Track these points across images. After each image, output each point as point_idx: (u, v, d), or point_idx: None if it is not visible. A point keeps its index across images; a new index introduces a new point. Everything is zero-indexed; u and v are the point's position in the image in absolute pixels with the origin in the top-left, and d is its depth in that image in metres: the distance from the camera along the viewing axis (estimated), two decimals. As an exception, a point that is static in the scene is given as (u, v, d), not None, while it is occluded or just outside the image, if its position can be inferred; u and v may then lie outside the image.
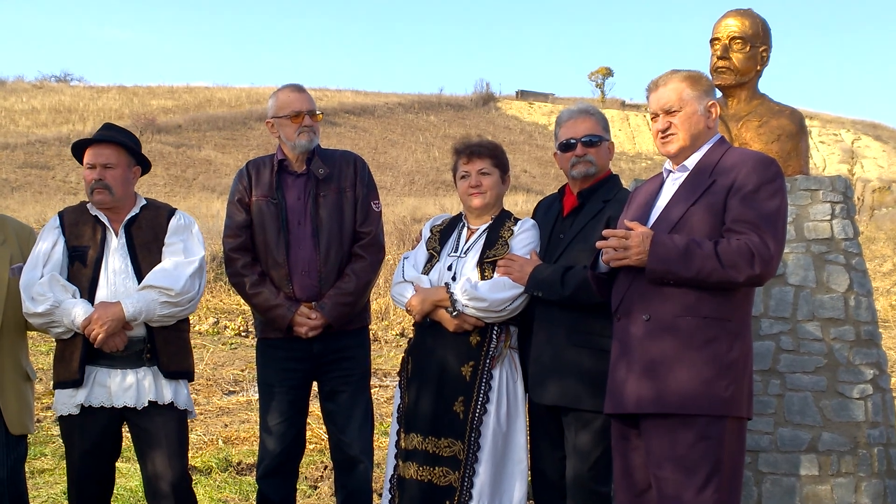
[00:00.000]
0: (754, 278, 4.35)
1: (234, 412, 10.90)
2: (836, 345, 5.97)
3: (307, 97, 5.97)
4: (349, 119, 75.43)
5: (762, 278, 4.39)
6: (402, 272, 5.70)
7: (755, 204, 4.37)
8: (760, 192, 4.39)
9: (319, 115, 5.95)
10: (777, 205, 4.43)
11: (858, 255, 6.14)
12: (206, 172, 54.88)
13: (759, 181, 4.41)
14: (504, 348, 5.41)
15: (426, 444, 5.41)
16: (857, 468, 5.91)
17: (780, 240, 4.42)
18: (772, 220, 4.39)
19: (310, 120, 5.87)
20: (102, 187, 5.48)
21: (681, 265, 4.32)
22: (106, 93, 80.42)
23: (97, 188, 5.48)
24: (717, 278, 4.31)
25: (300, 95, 5.94)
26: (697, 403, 4.37)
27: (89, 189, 5.50)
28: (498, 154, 5.62)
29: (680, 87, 4.64)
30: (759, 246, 4.30)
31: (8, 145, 54.61)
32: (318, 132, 5.95)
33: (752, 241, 4.30)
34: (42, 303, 5.27)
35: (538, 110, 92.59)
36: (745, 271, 4.29)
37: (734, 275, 4.30)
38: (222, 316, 17.90)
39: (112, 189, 5.50)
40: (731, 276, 4.30)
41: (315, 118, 5.90)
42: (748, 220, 4.35)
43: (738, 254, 4.29)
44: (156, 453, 5.43)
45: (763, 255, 4.30)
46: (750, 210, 4.36)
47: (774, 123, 6.21)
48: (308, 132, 5.86)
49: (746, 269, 4.29)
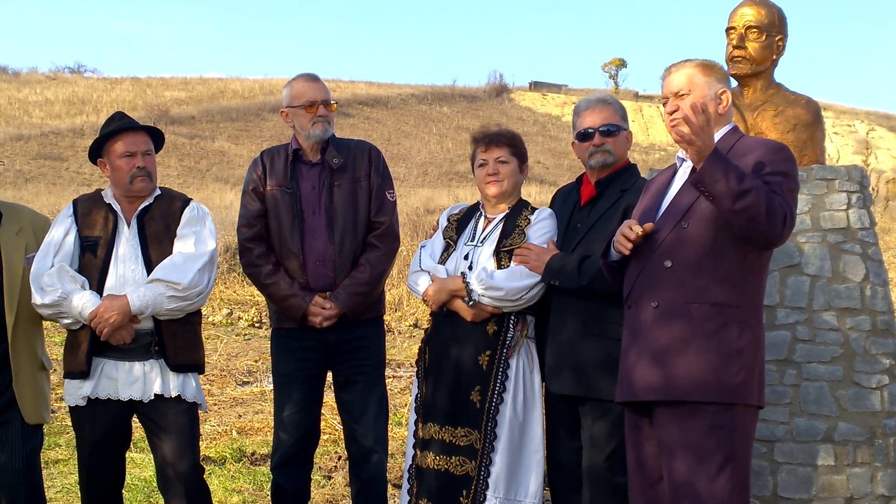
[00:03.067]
0: (775, 239, 4.32)
1: (247, 403, 10.92)
2: (853, 334, 5.94)
3: (322, 87, 5.95)
4: (363, 110, 75.54)
5: (780, 240, 4.37)
6: (419, 261, 5.70)
7: (773, 177, 4.35)
8: (777, 174, 4.38)
9: (334, 105, 5.94)
10: (792, 185, 4.44)
11: (875, 245, 6.11)
12: (220, 163, 55.01)
13: (774, 164, 4.40)
14: (521, 338, 5.40)
15: (443, 433, 5.41)
16: (874, 458, 5.89)
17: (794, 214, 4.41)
18: (790, 195, 4.39)
19: (324, 110, 5.85)
20: (145, 174, 5.47)
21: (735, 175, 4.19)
22: (119, 84, 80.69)
23: (140, 175, 5.45)
24: (756, 212, 4.18)
25: (315, 85, 5.93)
26: (706, 391, 4.37)
27: (129, 177, 5.45)
28: (516, 143, 5.62)
29: (691, 72, 4.64)
30: (789, 210, 4.28)
31: (22, 136, 54.83)
32: (332, 122, 5.93)
33: (786, 204, 4.27)
34: (50, 294, 5.27)
35: (551, 101, 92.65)
36: (777, 224, 4.23)
37: (767, 223, 4.21)
38: (236, 307, 17.91)
39: (152, 176, 5.52)
40: (765, 220, 4.20)
41: (329, 108, 5.88)
42: (775, 182, 4.32)
43: (780, 208, 4.23)
44: (165, 445, 5.44)
45: (790, 222, 4.30)
46: (773, 180, 4.33)
47: (790, 113, 6.18)
48: (322, 122, 5.84)
49: (779, 224, 4.24)
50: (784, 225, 4.26)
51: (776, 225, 4.24)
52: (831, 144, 62.55)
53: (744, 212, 4.19)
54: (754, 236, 4.33)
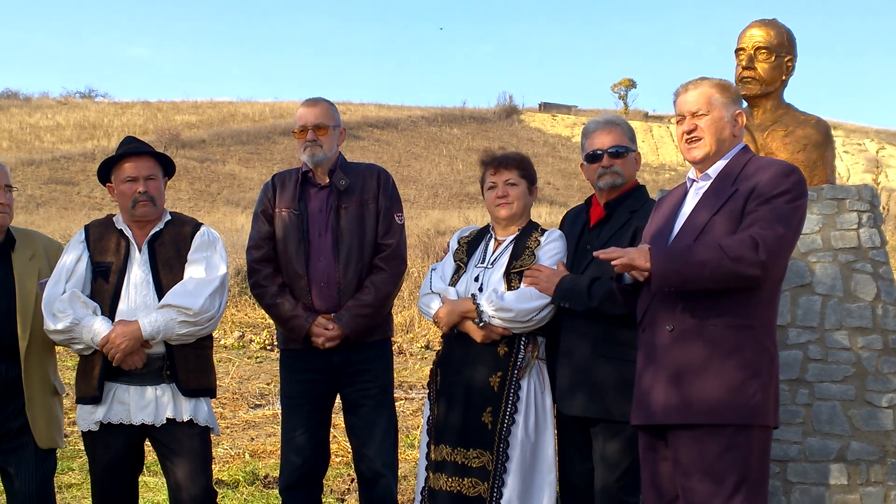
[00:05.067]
0: (761, 265, 4.27)
1: (260, 426, 10.92)
2: (864, 353, 5.93)
3: (318, 111, 5.92)
4: (373, 133, 75.61)
5: (768, 266, 4.31)
6: (430, 284, 5.71)
7: (770, 206, 4.35)
8: (779, 198, 4.38)
9: (325, 130, 5.87)
10: (793, 208, 4.41)
11: (886, 264, 6.10)
12: (231, 187, 55.06)
13: (778, 187, 4.39)
14: (532, 359, 5.41)
15: (455, 455, 5.41)
16: (887, 477, 5.87)
17: (791, 232, 4.39)
18: (785, 217, 4.36)
19: (312, 135, 5.83)
20: (147, 199, 5.48)
21: (684, 263, 4.30)
22: (130, 108, 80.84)
23: (142, 200, 5.47)
24: (726, 271, 4.25)
25: (309, 110, 5.91)
26: (725, 412, 4.36)
27: (132, 202, 5.46)
28: (525, 165, 5.63)
29: (709, 91, 4.63)
30: (764, 235, 4.26)
31: (33, 161, 54.92)
32: (327, 145, 5.87)
33: (756, 232, 4.28)
34: (62, 320, 5.28)
35: (561, 122, 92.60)
36: (749, 258, 4.24)
37: (741, 267, 4.24)
38: (248, 329, 17.92)
39: (156, 200, 5.52)
40: (738, 268, 4.24)
41: (320, 132, 5.85)
42: (760, 218, 4.33)
43: (741, 244, 4.25)
44: (178, 469, 5.44)
45: (768, 242, 4.26)
46: (764, 210, 4.34)
47: (800, 133, 6.20)
48: (311, 147, 5.84)
49: (751, 255, 4.24)
50: (757, 252, 4.26)
51: (747, 259, 4.26)
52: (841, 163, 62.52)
53: (714, 273, 4.28)
54: (743, 283, 4.36)
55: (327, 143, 5.88)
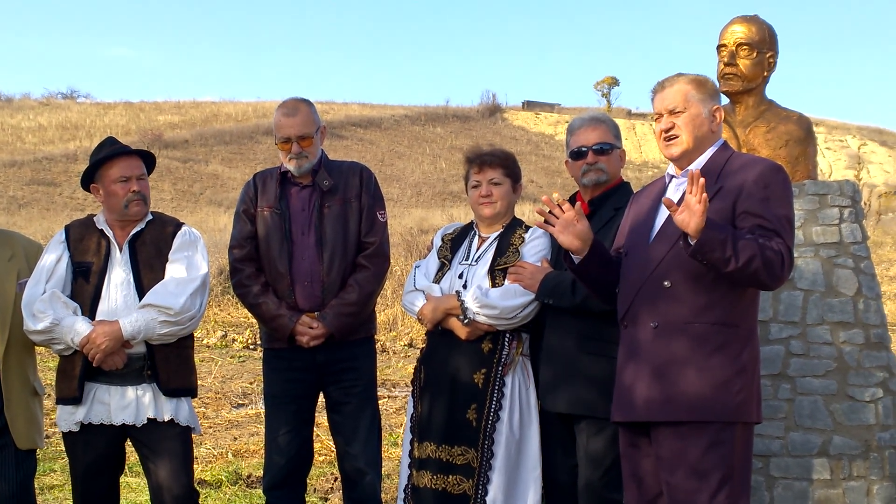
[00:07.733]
0: (777, 284, 4.37)
1: (243, 425, 10.89)
2: (846, 348, 5.94)
3: (299, 120, 5.85)
4: (356, 132, 75.61)
5: (781, 283, 4.40)
6: (414, 281, 5.71)
7: (770, 210, 4.35)
8: (774, 200, 4.38)
9: (309, 141, 5.84)
10: (789, 212, 4.44)
11: (867, 259, 6.12)
12: (213, 187, 55.03)
13: (771, 187, 4.39)
14: (516, 355, 5.41)
15: (440, 452, 5.41)
16: (869, 471, 5.88)
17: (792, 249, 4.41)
18: (788, 228, 4.38)
19: (298, 147, 5.81)
20: (140, 199, 5.49)
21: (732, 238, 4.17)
22: (112, 109, 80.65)
23: (135, 200, 5.47)
24: (754, 270, 4.19)
25: (290, 120, 5.84)
26: (709, 410, 4.36)
27: (125, 202, 5.45)
28: (509, 164, 5.62)
29: (685, 88, 4.62)
30: (786, 251, 4.28)
31: (15, 162, 54.80)
32: (312, 153, 5.86)
33: (783, 244, 4.28)
34: (42, 320, 5.26)
35: (544, 120, 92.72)
36: (777, 274, 4.26)
37: (765, 275, 4.23)
38: (230, 329, 17.87)
39: (147, 199, 5.54)
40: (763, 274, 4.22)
41: (304, 143, 5.82)
42: (770, 228, 4.31)
43: (776, 255, 4.23)
44: (160, 469, 5.43)
45: (789, 263, 4.31)
46: (769, 214, 4.34)
47: (782, 129, 6.20)
48: (297, 159, 5.82)
49: (779, 271, 4.26)
50: (783, 267, 4.28)
51: (776, 272, 4.26)
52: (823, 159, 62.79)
53: (743, 272, 4.21)
54: (756, 286, 4.40)
55: (313, 152, 5.87)
